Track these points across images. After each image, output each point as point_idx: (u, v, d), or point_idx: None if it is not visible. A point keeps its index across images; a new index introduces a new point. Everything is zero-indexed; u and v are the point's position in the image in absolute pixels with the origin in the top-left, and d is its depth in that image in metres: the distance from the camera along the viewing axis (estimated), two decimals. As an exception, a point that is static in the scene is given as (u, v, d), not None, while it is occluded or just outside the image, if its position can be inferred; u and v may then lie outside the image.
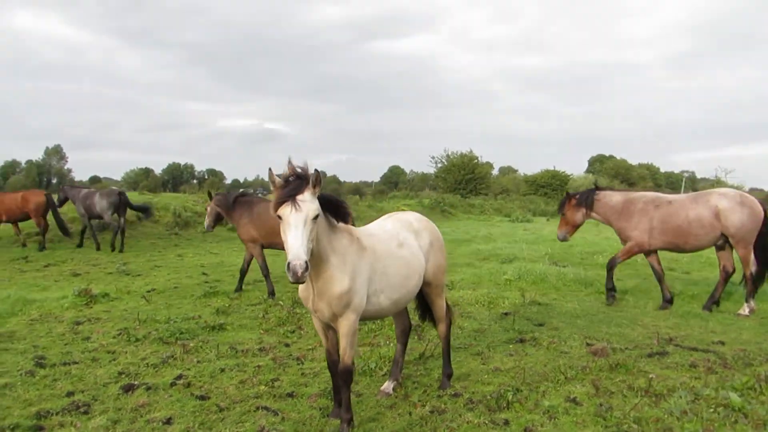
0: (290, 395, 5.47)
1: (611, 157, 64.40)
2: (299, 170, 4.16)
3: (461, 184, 45.11)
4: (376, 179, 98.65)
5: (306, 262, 3.84)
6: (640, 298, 10.13)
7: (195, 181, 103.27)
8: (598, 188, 10.26)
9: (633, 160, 50.66)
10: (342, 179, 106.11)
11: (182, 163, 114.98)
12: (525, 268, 12.16)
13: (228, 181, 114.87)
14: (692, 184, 72.72)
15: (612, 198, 9.91)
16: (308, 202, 3.98)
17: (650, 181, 55.65)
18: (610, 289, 9.82)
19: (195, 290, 10.80)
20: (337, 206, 4.42)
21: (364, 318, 4.79)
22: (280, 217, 4.02)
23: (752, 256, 9.11)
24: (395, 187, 77.32)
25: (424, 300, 5.81)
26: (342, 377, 4.60)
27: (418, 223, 5.44)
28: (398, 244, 5.00)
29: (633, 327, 8.15)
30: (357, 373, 5.98)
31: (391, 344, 7.09)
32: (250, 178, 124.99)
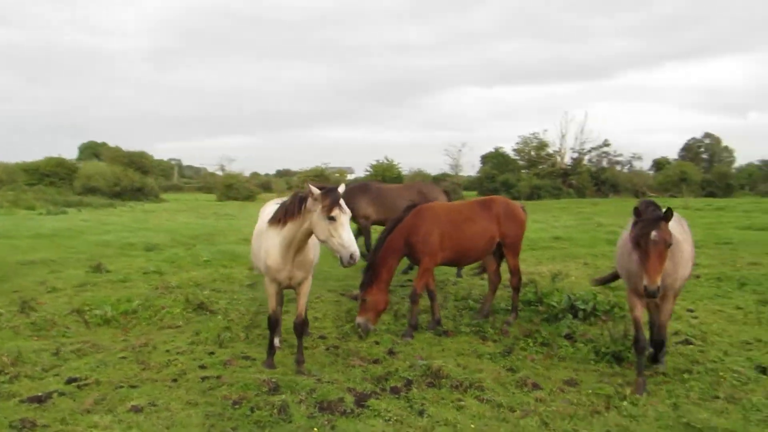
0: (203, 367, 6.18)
1: (104, 144, 63.11)
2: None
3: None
4: None
5: None
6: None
7: None
8: None
9: (126, 147, 51.28)
10: None
11: None
12: (171, 251, 13.83)
13: None
14: (180, 170, 79.21)
15: None
16: (345, 206, 5.45)
17: (147, 168, 56.88)
18: None
19: None
20: None
21: None
22: (333, 218, 5.29)
23: None
24: None
25: None
26: (299, 328, 6.21)
27: None
28: None
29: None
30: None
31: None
32: None
